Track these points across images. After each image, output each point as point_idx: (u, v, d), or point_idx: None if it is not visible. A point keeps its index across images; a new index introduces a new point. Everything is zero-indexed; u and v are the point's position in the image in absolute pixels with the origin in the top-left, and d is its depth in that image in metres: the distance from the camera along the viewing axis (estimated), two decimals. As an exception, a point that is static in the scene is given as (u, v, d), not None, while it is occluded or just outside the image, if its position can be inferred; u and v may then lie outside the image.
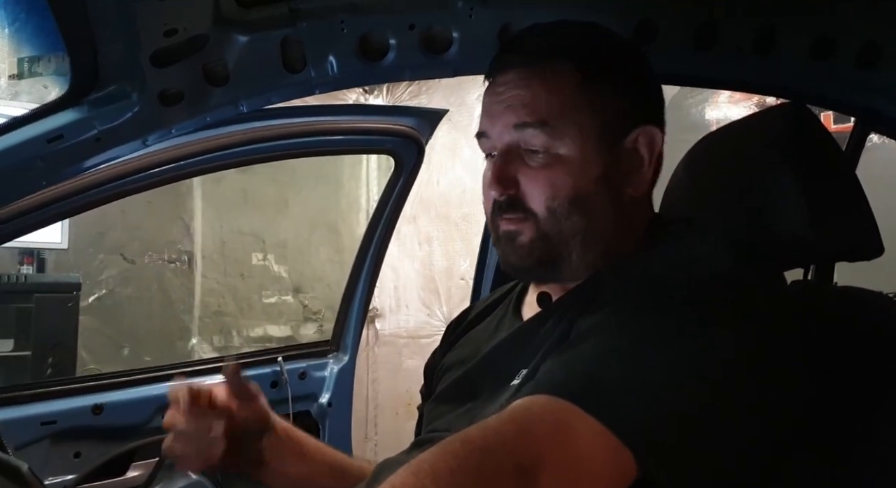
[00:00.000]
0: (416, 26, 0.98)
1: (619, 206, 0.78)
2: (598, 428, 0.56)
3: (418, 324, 3.90)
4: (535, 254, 0.78)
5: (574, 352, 0.65)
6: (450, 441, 0.55)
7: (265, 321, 4.08)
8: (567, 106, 0.76)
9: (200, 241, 3.84)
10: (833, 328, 0.77)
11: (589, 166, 0.77)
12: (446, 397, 0.89)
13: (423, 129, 1.59)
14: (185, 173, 1.45)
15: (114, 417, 1.46)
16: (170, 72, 0.91)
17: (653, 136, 0.78)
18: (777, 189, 0.83)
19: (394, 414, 3.95)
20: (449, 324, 1.04)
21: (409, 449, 0.87)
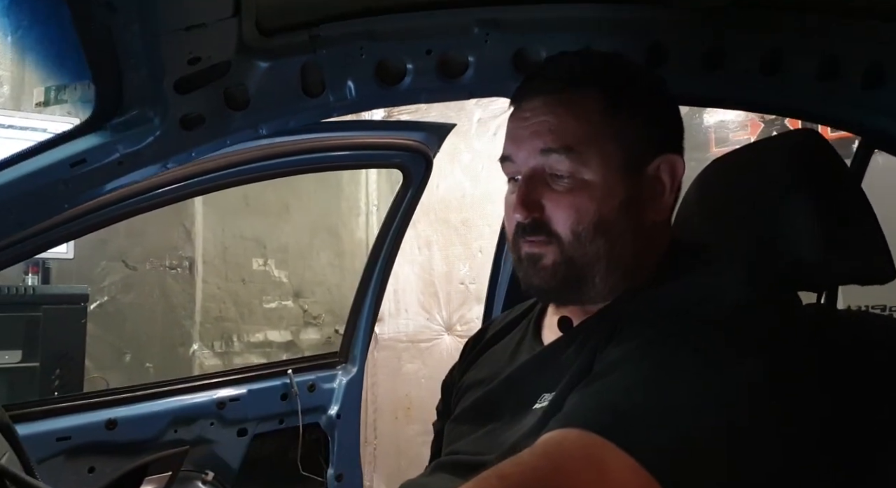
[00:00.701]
0: (432, 51, 1.00)
1: (641, 231, 0.80)
2: (630, 463, 0.57)
3: (418, 329, 3.90)
4: (558, 276, 0.80)
5: (601, 385, 0.66)
6: (486, 477, 0.57)
7: (266, 326, 4.09)
8: (592, 133, 0.78)
9: (201, 247, 3.83)
10: (846, 353, 0.79)
11: (613, 192, 0.78)
12: (467, 418, 0.90)
13: (431, 143, 1.61)
14: (196, 190, 1.47)
15: (127, 432, 1.48)
16: (192, 97, 0.93)
17: (674, 164, 0.80)
18: (790, 213, 0.85)
19: (393, 418, 3.96)
20: (466, 342, 1.05)
21: (430, 471, 0.88)
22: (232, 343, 3.93)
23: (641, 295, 0.77)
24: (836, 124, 1.13)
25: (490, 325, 1.06)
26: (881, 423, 0.77)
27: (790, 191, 0.85)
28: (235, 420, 1.67)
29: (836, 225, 0.82)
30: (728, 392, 0.64)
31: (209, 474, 1.58)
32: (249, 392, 1.68)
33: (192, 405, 1.59)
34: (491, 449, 0.80)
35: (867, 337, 0.81)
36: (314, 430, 1.77)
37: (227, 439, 1.64)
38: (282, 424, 1.72)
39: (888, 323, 0.82)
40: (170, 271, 3.69)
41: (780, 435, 0.65)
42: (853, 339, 0.81)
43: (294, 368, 1.73)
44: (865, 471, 0.76)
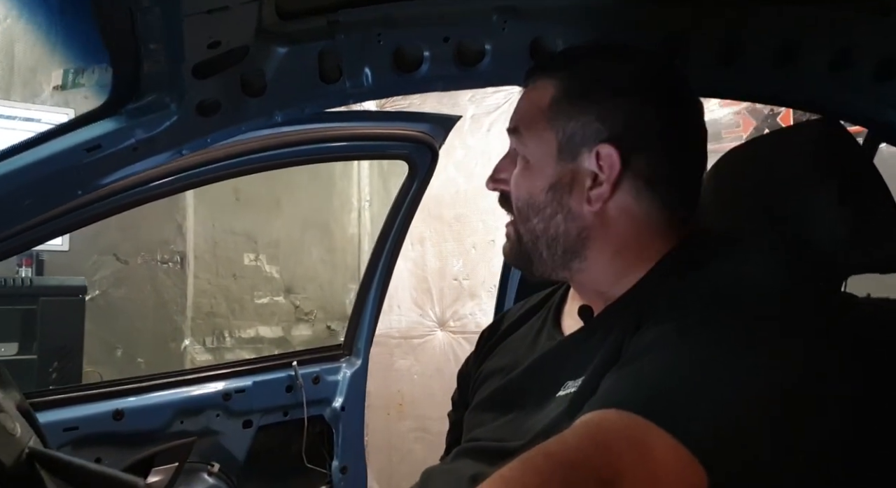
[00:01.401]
0: (450, 39, 0.99)
1: (573, 216, 0.83)
2: (671, 442, 0.57)
3: (410, 325, 3.89)
4: (514, 250, 0.89)
5: (637, 366, 0.66)
6: (531, 456, 0.57)
7: (257, 322, 4.07)
8: (536, 118, 0.85)
9: (193, 241, 3.81)
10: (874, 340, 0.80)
11: (542, 174, 0.84)
12: (487, 406, 0.90)
13: (436, 135, 1.60)
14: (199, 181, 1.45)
15: (134, 423, 1.47)
16: (209, 83, 0.92)
17: (609, 155, 0.81)
18: (814, 202, 0.85)
19: (385, 414, 3.95)
20: (482, 333, 1.06)
21: (453, 458, 0.88)
22: (223, 338, 3.91)
23: (668, 281, 0.77)
24: (846, 116, 1.13)
25: (506, 315, 1.06)
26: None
27: (813, 181, 0.85)
28: (241, 411, 1.66)
29: (858, 213, 0.83)
30: (769, 375, 0.64)
31: (215, 466, 1.58)
32: (254, 383, 1.68)
33: (197, 396, 1.59)
34: (514, 436, 0.80)
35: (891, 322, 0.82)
36: (318, 423, 1.78)
37: (232, 430, 1.64)
38: (286, 416, 1.72)
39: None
40: (161, 266, 3.66)
41: (820, 418, 0.66)
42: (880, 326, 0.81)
43: (299, 360, 1.73)
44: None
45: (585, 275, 0.86)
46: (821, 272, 0.84)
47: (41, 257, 2.64)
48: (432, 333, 3.83)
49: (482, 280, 3.65)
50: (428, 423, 3.68)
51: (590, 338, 0.81)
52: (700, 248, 0.82)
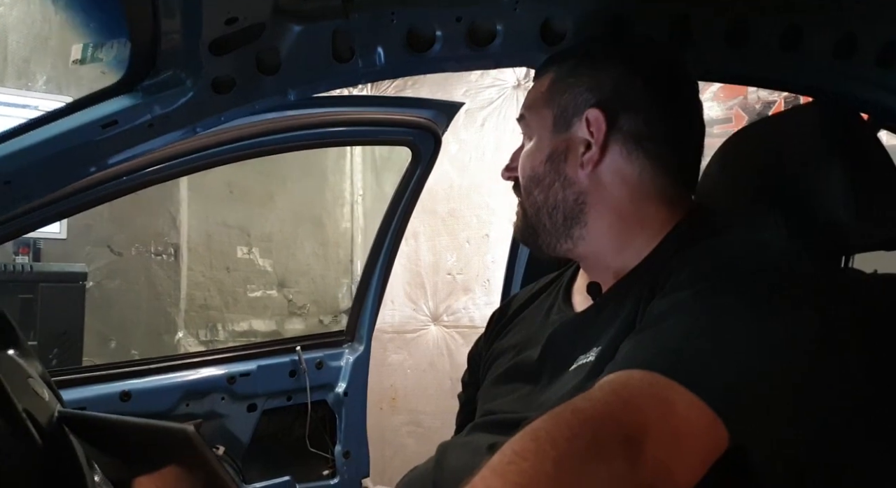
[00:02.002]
0: (462, 19, 1.00)
1: (569, 181, 0.87)
2: (694, 401, 0.59)
3: (404, 319, 3.90)
4: (521, 226, 0.94)
5: (657, 330, 0.67)
6: (560, 411, 0.58)
7: (250, 315, 4.06)
8: (537, 101, 0.91)
9: (186, 234, 3.80)
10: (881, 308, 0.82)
11: (542, 149, 0.89)
12: (501, 381, 0.91)
13: (440, 121, 1.61)
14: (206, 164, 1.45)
15: (141, 404, 1.47)
16: (225, 60, 0.92)
17: (596, 118, 0.85)
18: (818, 181, 0.87)
19: (378, 409, 3.95)
20: (493, 314, 1.07)
21: (467, 432, 0.89)
22: (217, 331, 3.91)
23: (680, 251, 0.78)
24: (848, 102, 1.15)
25: (515, 298, 1.07)
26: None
27: (823, 158, 0.87)
28: (245, 395, 1.67)
29: (865, 192, 0.85)
30: (786, 337, 0.65)
31: (220, 448, 1.58)
32: (259, 368, 1.69)
33: (203, 379, 1.59)
34: (529, 409, 0.81)
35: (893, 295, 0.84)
36: (322, 407, 1.78)
37: (237, 414, 1.65)
38: (290, 401, 1.73)
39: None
40: (155, 258, 3.65)
41: (836, 380, 0.68)
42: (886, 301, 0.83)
43: (302, 345, 1.73)
44: None
45: (588, 244, 0.88)
46: (828, 248, 0.86)
47: (38, 245, 2.63)
48: (426, 328, 3.83)
49: (476, 274, 3.66)
50: (421, 417, 3.69)
51: (601, 313, 0.83)
52: (709, 220, 0.84)
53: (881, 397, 0.77)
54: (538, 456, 0.53)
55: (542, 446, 0.54)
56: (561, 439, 0.55)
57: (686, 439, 0.58)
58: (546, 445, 0.54)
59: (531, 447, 0.54)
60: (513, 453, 0.54)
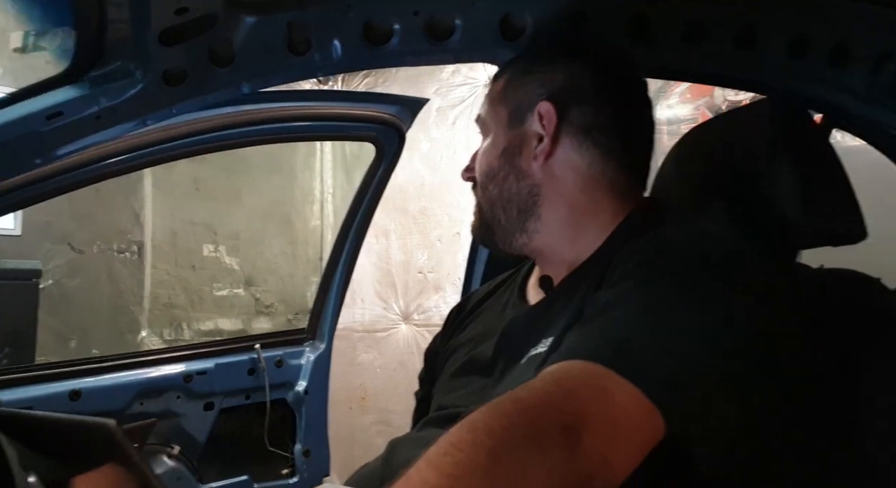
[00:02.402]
0: (420, 13, 0.99)
1: (522, 173, 0.89)
2: (633, 391, 0.59)
3: (374, 318, 3.88)
4: (477, 223, 0.95)
5: (601, 321, 0.68)
6: (500, 401, 0.58)
7: (216, 314, 4.02)
8: (493, 101, 0.94)
9: (151, 231, 3.74)
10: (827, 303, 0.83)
11: (498, 145, 0.92)
12: (456, 376, 0.92)
13: (404, 117, 1.60)
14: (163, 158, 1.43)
15: (92, 403, 1.44)
16: (176, 51, 0.90)
17: (546, 111, 0.87)
18: (768, 176, 0.88)
19: (347, 409, 3.93)
20: (451, 311, 1.08)
21: (420, 427, 0.89)
22: (182, 330, 3.85)
23: (626, 244, 0.79)
24: (802, 101, 1.17)
25: (473, 294, 1.08)
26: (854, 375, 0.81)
27: (772, 155, 0.88)
28: (202, 393, 1.64)
29: (812, 189, 0.86)
30: (726, 328, 0.66)
31: (175, 448, 1.56)
32: (216, 366, 1.66)
33: (158, 377, 1.56)
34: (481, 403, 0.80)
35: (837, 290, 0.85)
36: (281, 406, 1.76)
37: (193, 413, 1.62)
38: (248, 399, 1.70)
39: (863, 279, 0.86)
40: (118, 255, 3.59)
41: (774, 372, 0.69)
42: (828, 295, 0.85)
43: (262, 343, 1.71)
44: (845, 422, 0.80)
45: (542, 237, 0.89)
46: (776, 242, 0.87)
47: (-9, 242, 2.57)
48: (396, 327, 3.82)
49: (447, 273, 3.65)
50: (391, 417, 3.67)
51: (553, 306, 0.84)
52: (656, 212, 0.86)
53: (819, 390, 0.79)
54: (474, 447, 0.53)
55: (479, 436, 0.54)
56: (498, 429, 0.54)
57: (624, 428, 0.59)
58: (482, 435, 0.54)
59: (468, 438, 0.54)
60: (449, 444, 0.54)
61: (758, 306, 0.70)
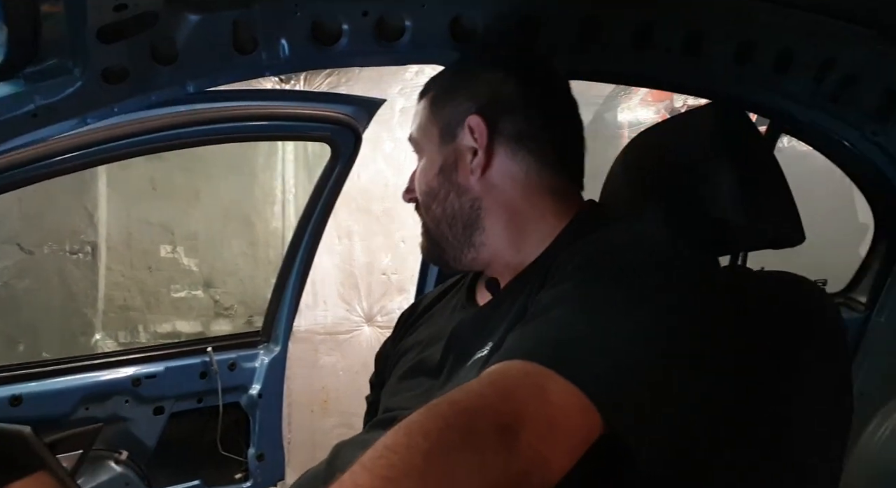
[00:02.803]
0: (369, 13, 0.99)
1: (463, 189, 0.90)
2: (570, 389, 0.60)
3: (336, 320, 3.85)
4: (426, 244, 0.96)
5: (540, 321, 0.69)
6: (436, 403, 0.58)
7: (174, 316, 3.94)
8: (423, 120, 0.94)
9: (105, 232, 3.66)
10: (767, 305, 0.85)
11: (434, 164, 0.92)
12: (404, 378, 0.92)
13: (360, 118, 1.59)
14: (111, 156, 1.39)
15: (34, 409, 1.40)
16: (116, 48, 0.88)
17: (476, 125, 0.88)
18: (711, 180, 0.89)
19: (309, 411, 3.90)
20: (401, 314, 1.08)
21: (367, 430, 0.89)
22: (138, 333, 3.78)
23: (569, 247, 0.80)
24: (749, 106, 1.19)
25: (423, 298, 1.09)
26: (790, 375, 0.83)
27: (713, 160, 0.89)
28: (151, 398, 1.61)
29: (754, 191, 0.87)
30: (661, 325, 0.67)
31: (123, 453, 1.52)
32: (167, 369, 1.63)
33: (105, 381, 1.53)
34: None
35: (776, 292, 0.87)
36: (234, 410, 1.74)
37: (142, 417, 1.59)
38: (200, 403, 1.68)
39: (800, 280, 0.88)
40: (70, 256, 3.51)
41: (705, 364, 0.70)
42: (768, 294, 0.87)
43: (214, 346, 1.69)
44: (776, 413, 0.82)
45: (489, 248, 0.90)
46: (718, 245, 0.89)
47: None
48: (359, 328, 3.80)
49: (411, 274, 3.63)
50: (353, 420, 3.64)
51: (498, 307, 0.85)
52: (597, 216, 0.88)
53: (756, 389, 0.81)
54: (409, 450, 0.53)
55: (414, 439, 0.54)
56: (433, 431, 0.54)
57: (561, 426, 0.59)
58: (418, 438, 0.54)
59: (402, 441, 0.54)
60: (384, 447, 0.54)
61: (692, 305, 0.71)
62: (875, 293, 1.38)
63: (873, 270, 1.40)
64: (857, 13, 1.10)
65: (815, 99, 1.20)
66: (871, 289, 1.39)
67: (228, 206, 4.07)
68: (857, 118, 1.22)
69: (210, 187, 3.96)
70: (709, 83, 1.19)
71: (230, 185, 4.05)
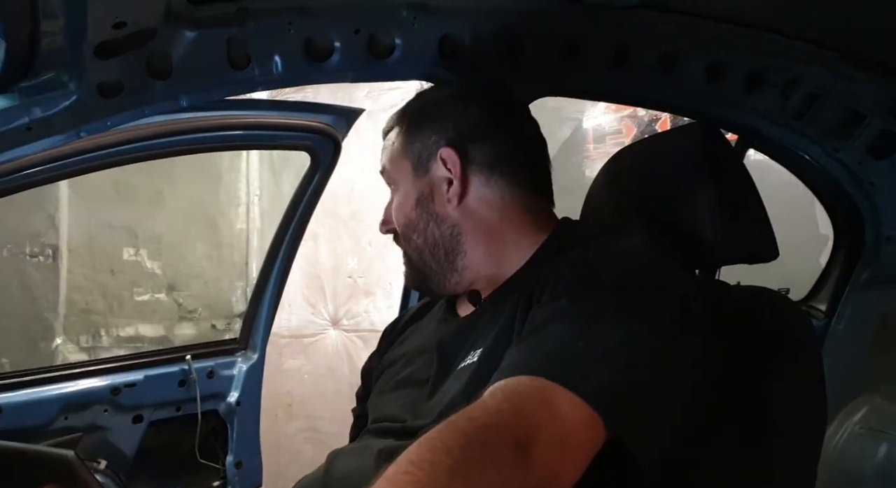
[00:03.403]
0: (361, 31, 1.02)
1: (442, 218, 0.93)
2: (575, 400, 0.64)
3: (301, 323, 3.83)
4: (411, 274, 0.98)
5: (539, 337, 0.73)
6: (455, 419, 0.61)
7: (137, 320, 3.88)
8: (394, 155, 0.97)
9: (67, 234, 3.59)
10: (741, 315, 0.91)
11: (410, 197, 0.95)
12: (391, 390, 0.95)
13: (339, 127, 1.61)
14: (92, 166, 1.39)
15: (13, 419, 1.38)
16: (112, 63, 0.89)
17: (449, 156, 0.92)
18: (690, 198, 0.94)
19: (273, 415, 3.86)
20: (385, 329, 1.11)
21: (359, 439, 0.91)
22: (100, 337, 3.71)
23: (552, 261, 0.84)
24: (720, 123, 1.25)
25: (406, 312, 1.12)
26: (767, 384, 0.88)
27: (692, 178, 0.94)
28: (130, 406, 1.61)
29: (732, 210, 0.92)
30: (653, 336, 0.72)
31: (102, 463, 1.51)
32: (146, 378, 1.63)
33: (84, 391, 1.52)
34: (417, 416, 0.85)
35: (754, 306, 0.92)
36: (213, 417, 1.74)
37: (121, 426, 1.58)
38: (179, 411, 1.67)
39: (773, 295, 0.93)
40: (31, 259, 3.43)
41: (694, 371, 0.75)
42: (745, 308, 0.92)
43: (193, 354, 1.68)
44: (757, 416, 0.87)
45: (471, 271, 0.93)
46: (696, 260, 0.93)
47: None
48: (324, 332, 3.78)
49: (378, 278, 3.65)
50: (318, 423, 3.64)
51: (481, 318, 0.89)
52: (577, 232, 0.92)
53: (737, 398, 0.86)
54: (434, 466, 0.56)
55: (438, 456, 0.56)
56: (455, 448, 0.57)
57: (570, 438, 0.63)
58: (441, 455, 0.56)
59: (427, 457, 0.56)
60: (409, 463, 0.56)
61: (682, 317, 0.76)
62: (834, 301, 1.45)
63: (832, 279, 1.47)
64: (822, 37, 1.16)
65: (782, 116, 1.26)
66: (831, 297, 1.46)
67: (192, 209, 4.02)
68: (819, 135, 1.29)
69: (174, 189, 3.90)
70: (682, 101, 1.24)
71: (194, 187, 4.00)
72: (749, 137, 1.33)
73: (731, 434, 0.86)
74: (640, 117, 3.03)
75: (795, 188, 1.45)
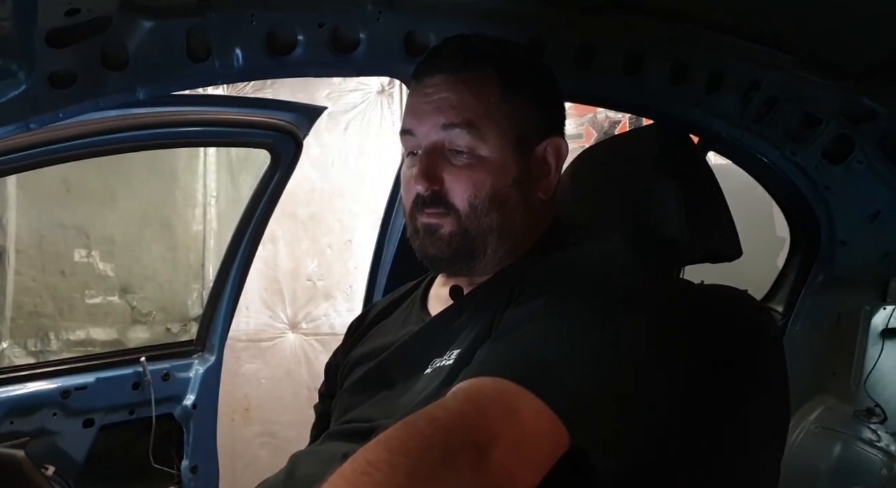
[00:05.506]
0: (325, 25, 1.00)
1: (530, 207, 0.88)
2: (541, 407, 0.62)
3: (259, 327, 3.78)
4: (453, 246, 0.86)
5: (511, 339, 0.71)
6: (414, 420, 0.59)
7: (88, 323, 3.77)
8: (491, 112, 0.84)
9: (14, 234, 3.48)
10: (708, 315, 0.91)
11: (506, 169, 0.85)
12: (356, 389, 0.92)
13: (301, 125, 1.58)
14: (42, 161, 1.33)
15: (-45, 425, 1.32)
16: (64, 53, 0.86)
17: (559, 147, 0.89)
18: (655, 198, 0.95)
19: (229, 420, 3.79)
20: (350, 324, 1.07)
21: (321, 441, 0.89)
22: (49, 341, 3.60)
23: (537, 262, 0.83)
24: (683, 125, 1.26)
25: (373, 307, 1.08)
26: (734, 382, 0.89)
27: (657, 178, 0.95)
28: (81, 410, 1.56)
29: (695, 208, 0.93)
30: (624, 343, 0.71)
31: (49, 468, 1.45)
32: (97, 380, 1.58)
33: (32, 394, 1.46)
34: (383, 416, 0.82)
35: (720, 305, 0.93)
36: (168, 421, 1.69)
37: (71, 430, 1.53)
38: (133, 415, 1.62)
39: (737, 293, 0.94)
40: (-25, 261, 3.32)
41: (666, 383, 0.74)
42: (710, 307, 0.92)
43: (147, 356, 1.64)
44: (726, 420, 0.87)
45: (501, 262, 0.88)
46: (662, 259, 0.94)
47: None
48: (283, 335, 3.74)
49: (337, 281, 3.62)
50: (275, 428, 3.59)
51: (459, 316, 0.85)
52: (562, 235, 0.90)
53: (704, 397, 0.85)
54: (391, 467, 0.54)
55: (396, 457, 0.55)
56: (413, 448, 0.56)
57: (531, 443, 0.62)
58: (399, 456, 0.55)
59: (385, 457, 0.55)
60: (366, 463, 0.55)
61: (652, 324, 0.75)
62: (791, 303, 1.48)
63: (789, 281, 1.50)
64: (780, 40, 1.18)
65: (742, 118, 1.27)
66: (788, 299, 1.49)
67: (147, 209, 3.93)
68: (777, 138, 1.31)
69: (128, 189, 3.81)
70: (645, 101, 1.25)
71: (149, 188, 3.91)
72: (710, 139, 1.35)
73: (699, 435, 0.85)
74: (601, 122, 3.06)
75: (754, 191, 1.47)
